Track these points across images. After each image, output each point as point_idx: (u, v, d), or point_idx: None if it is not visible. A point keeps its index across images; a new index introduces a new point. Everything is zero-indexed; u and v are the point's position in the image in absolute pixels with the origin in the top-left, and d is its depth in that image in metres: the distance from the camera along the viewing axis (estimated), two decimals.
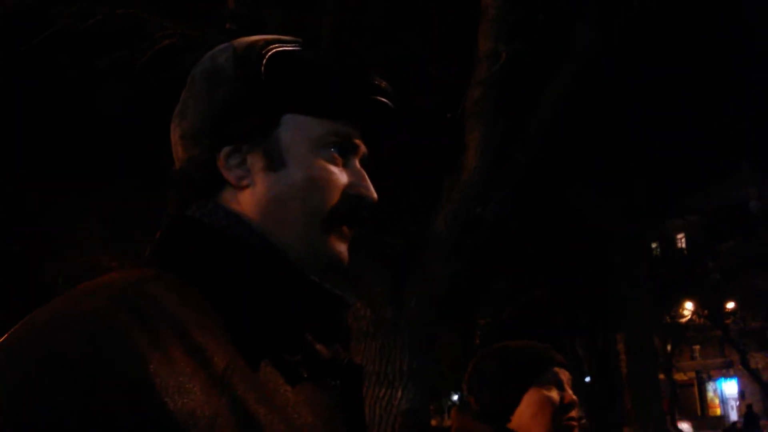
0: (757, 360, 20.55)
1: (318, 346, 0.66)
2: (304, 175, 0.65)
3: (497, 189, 4.25)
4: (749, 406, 23.75)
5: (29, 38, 4.61)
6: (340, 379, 0.68)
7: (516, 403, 1.25)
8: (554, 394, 1.25)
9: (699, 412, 33.02)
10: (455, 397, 23.32)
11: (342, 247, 0.68)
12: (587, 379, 11.22)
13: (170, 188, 0.69)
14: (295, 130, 0.66)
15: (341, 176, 0.67)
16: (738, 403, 29.27)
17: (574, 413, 1.25)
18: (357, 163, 0.70)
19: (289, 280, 0.62)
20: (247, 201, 0.65)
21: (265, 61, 0.66)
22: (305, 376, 0.63)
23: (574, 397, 1.26)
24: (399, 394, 3.83)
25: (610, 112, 8.25)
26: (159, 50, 4.31)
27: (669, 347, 23.77)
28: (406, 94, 4.89)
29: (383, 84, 0.69)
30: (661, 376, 22.68)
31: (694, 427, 26.38)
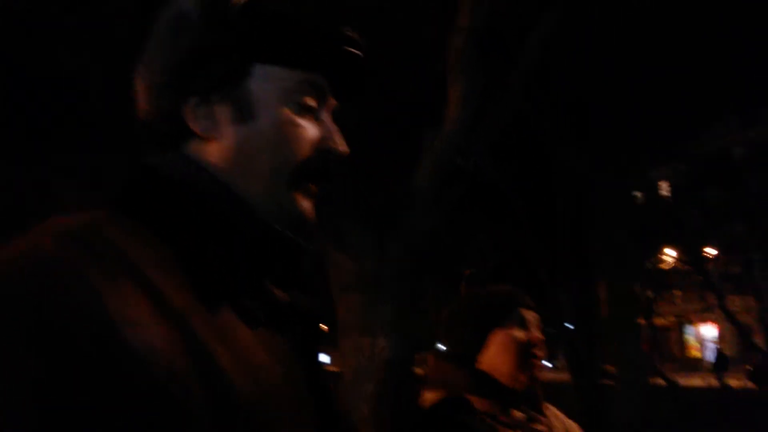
0: (735, 303, 21.12)
1: (277, 292, 0.66)
2: (273, 128, 0.64)
3: (479, 140, 4.24)
4: (719, 349, 24.87)
5: None
6: (300, 325, 0.68)
7: (482, 344, 1.29)
8: (519, 334, 1.29)
9: (679, 355, 34.10)
10: (441, 347, 23.84)
11: (307, 204, 0.67)
12: (569, 325, 11.48)
13: (135, 140, 0.68)
14: (266, 81, 0.64)
15: (312, 130, 0.66)
16: (716, 345, 30.21)
17: (539, 352, 1.29)
18: (328, 117, 0.69)
19: (248, 226, 0.62)
20: (213, 153, 0.63)
21: (234, 6, 0.63)
22: (263, 320, 0.62)
23: (540, 336, 1.30)
24: (382, 343, 3.90)
25: (592, 62, 8.17)
26: None
27: (650, 293, 24.35)
28: (385, 46, 4.81)
29: (355, 35, 0.68)
30: (643, 321, 23.31)
31: (675, 369, 27.27)
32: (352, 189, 3.95)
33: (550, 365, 37.04)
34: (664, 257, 21.48)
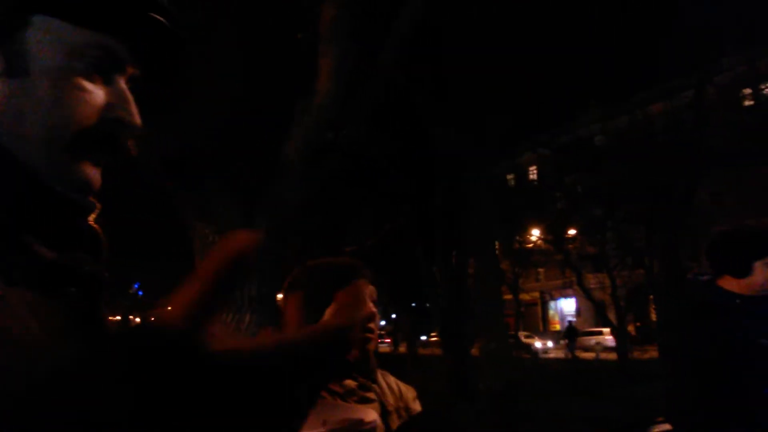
0: (590, 280, 23.06)
1: (42, 250, 0.60)
2: (49, 87, 0.56)
3: (351, 114, 4.23)
4: (570, 322, 27.34)
5: None
6: (79, 287, 0.61)
7: (323, 312, 1.29)
8: None
9: (541, 328, 36.81)
10: None
11: (91, 172, 0.61)
12: (442, 300, 11.96)
13: None
14: (46, 35, 0.57)
15: (98, 95, 0.60)
16: (575, 319, 32.93)
17: (372, 325, 1.31)
18: (122, 84, 0.62)
19: (7, 176, 0.55)
20: None
21: None
22: (19, 278, 0.56)
23: (373, 309, 1.32)
24: (246, 318, 3.81)
25: (467, 44, 8.43)
26: None
27: (516, 269, 25.99)
28: (259, 14, 4.65)
29: (164, 2, 0.61)
30: (509, 296, 24.88)
31: (537, 339, 29.43)
32: (217, 159, 3.79)
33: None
34: (530, 237, 22.96)
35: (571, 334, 24.14)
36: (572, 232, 22.13)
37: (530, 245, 23.53)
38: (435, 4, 4.58)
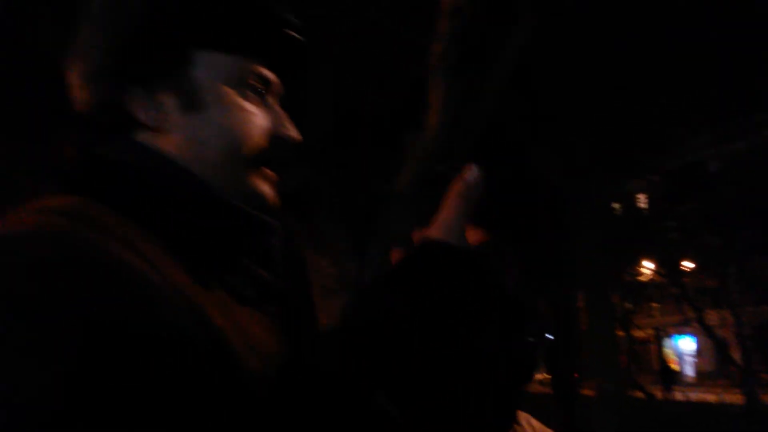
0: (712, 317, 21.40)
1: (260, 271, 0.66)
2: (223, 115, 0.62)
3: (459, 146, 4.27)
4: (664, 362, 25.38)
5: None
6: (279, 305, 0.67)
7: None
8: None
9: (656, 367, 34.37)
10: None
11: (266, 187, 0.66)
12: (549, 336, 11.52)
13: (70, 132, 0.65)
14: (212, 68, 0.62)
15: (261, 116, 0.65)
16: (694, 358, 30.52)
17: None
18: (275, 103, 0.68)
19: (215, 206, 0.61)
20: (164, 142, 0.61)
21: None
22: (251, 297, 0.63)
23: None
24: None
25: (571, 71, 8.28)
26: None
27: (628, 305, 24.57)
28: (367, 51, 4.84)
29: (295, 19, 0.67)
30: (621, 333, 23.51)
31: (653, 381, 27.47)
32: (331, 192, 3.95)
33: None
34: (642, 269, 21.71)
35: (666, 375, 22.49)
36: (688, 264, 20.74)
37: (642, 278, 22.25)
38: (543, 33, 4.57)
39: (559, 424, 10.31)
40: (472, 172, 0.61)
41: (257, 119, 0.64)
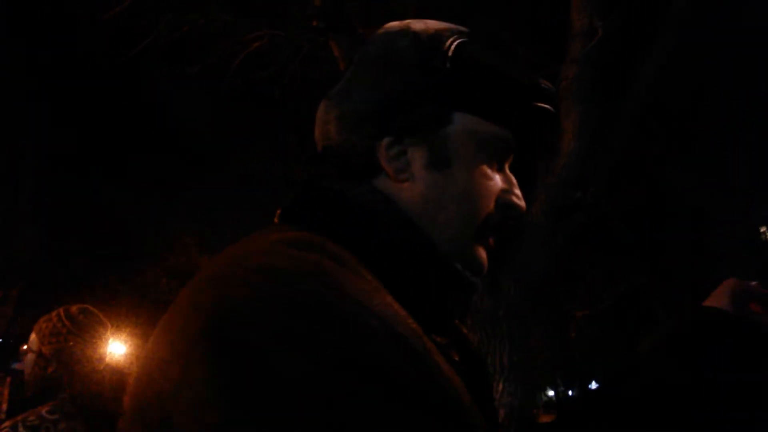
0: None
1: (464, 330, 0.69)
2: (467, 180, 0.62)
3: (595, 172, 4.06)
4: None
5: (122, 48, 4.86)
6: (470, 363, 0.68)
7: None
8: None
9: None
10: (551, 393, 22.80)
11: (485, 256, 0.65)
12: None
13: (310, 162, 0.67)
14: (464, 129, 0.63)
15: (496, 182, 0.64)
16: None
17: None
18: (507, 169, 0.67)
19: (440, 266, 0.61)
20: (402, 194, 0.62)
21: (451, 53, 0.62)
22: (456, 359, 0.62)
23: None
24: (500, 387, 3.74)
25: (708, 86, 7.74)
26: (248, 53, 4.42)
27: None
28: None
29: (552, 89, 0.66)
30: None
31: None
32: None
33: None
34: None
35: None
36: None
37: None
38: (685, 49, 4.30)
39: None
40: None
41: (492, 184, 0.64)
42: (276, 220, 0.64)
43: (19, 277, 14.93)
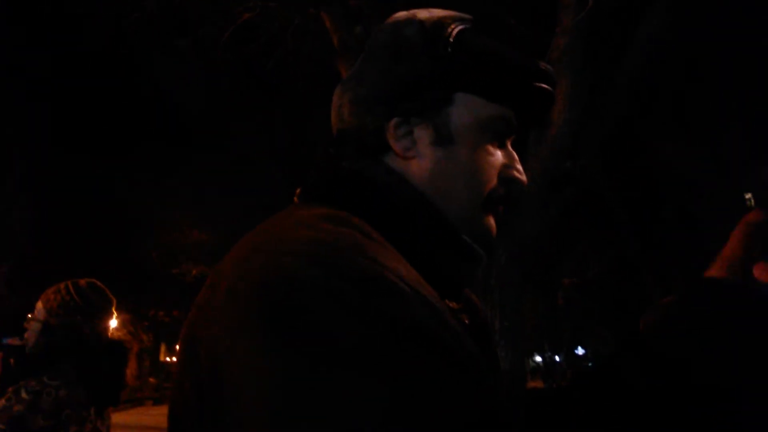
0: None
1: (473, 297, 0.73)
2: (470, 156, 0.67)
3: (587, 143, 4.10)
4: None
5: (111, 23, 4.80)
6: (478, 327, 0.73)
7: None
8: None
9: None
10: (538, 359, 23.17)
11: (494, 225, 0.70)
12: None
13: (329, 144, 0.72)
14: (466, 110, 0.67)
15: (498, 158, 0.69)
16: None
17: None
18: (509, 145, 0.71)
19: (451, 238, 0.65)
20: (412, 170, 0.67)
21: (452, 39, 0.67)
22: (467, 323, 0.67)
23: None
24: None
25: (698, 56, 7.74)
26: (239, 26, 4.38)
27: None
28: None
29: (549, 70, 0.70)
30: None
31: None
32: None
33: None
34: None
35: None
36: None
37: None
38: (680, 18, 4.30)
39: None
40: (757, 214, 0.57)
41: (497, 161, 0.68)
42: (296, 199, 0.68)
43: (9, 254, 14.88)
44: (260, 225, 0.58)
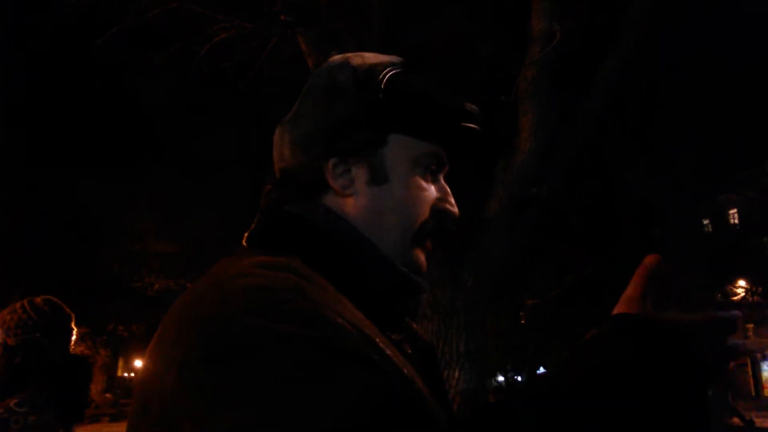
0: None
1: (415, 327, 0.78)
2: (403, 192, 0.72)
3: (552, 169, 4.23)
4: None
5: (90, 36, 4.77)
6: (422, 355, 0.78)
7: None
8: None
9: (753, 392, 32.18)
10: (501, 378, 23.31)
11: (423, 258, 0.75)
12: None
13: (272, 186, 0.76)
14: (399, 149, 0.73)
15: (430, 192, 0.74)
16: None
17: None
18: (442, 179, 0.77)
19: (387, 270, 0.70)
20: (349, 207, 0.72)
21: (383, 85, 0.73)
22: (409, 352, 0.71)
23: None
24: (456, 374, 3.88)
25: (660, 85, 8.02)
26: (215, 43, 4.40)
27: None
28: (455, 73, 4.89)
29: (477, 111, 0.76)
30: None
31: (749, 408, 25.70)
32: None
33: None
34: (736, 289, 20.47)
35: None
36: None
37: (735, 298, 20.99)
38: (645, 52, 4.47)
39: None
40: (653, 258, 0.62)
41: (429, 196, 0.74)
42: (244, 243, 0.73)
43: None
44: (204, 276, 0.63)
